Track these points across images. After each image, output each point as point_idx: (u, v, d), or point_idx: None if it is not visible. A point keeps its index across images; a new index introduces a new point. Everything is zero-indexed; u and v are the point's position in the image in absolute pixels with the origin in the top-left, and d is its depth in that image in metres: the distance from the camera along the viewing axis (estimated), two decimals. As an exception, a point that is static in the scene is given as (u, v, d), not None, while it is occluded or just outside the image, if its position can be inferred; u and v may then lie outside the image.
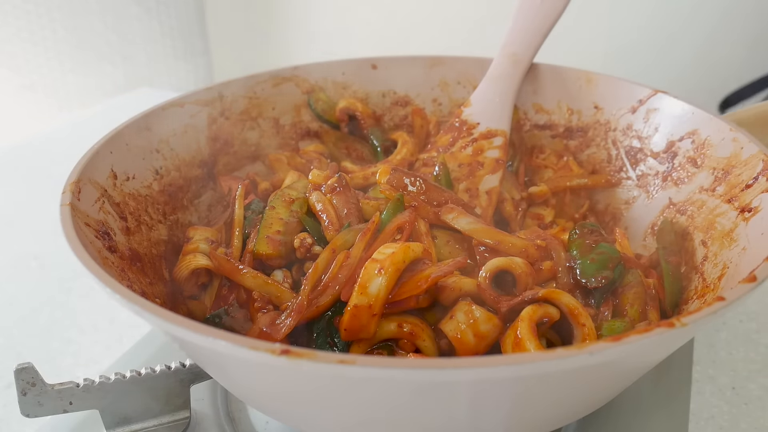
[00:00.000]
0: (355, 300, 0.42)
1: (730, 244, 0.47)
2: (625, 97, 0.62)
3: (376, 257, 0.43)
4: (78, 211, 0.44)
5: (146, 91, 1.34)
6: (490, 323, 0.42)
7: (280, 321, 0.43)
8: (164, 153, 0.58)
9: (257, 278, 0.47)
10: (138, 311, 0.34)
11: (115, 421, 0.49)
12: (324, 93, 0.69)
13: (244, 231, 0.53)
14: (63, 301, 0.72)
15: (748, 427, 0.55)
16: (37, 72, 1.48)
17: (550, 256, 0.49)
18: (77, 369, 0.63)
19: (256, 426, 0.52)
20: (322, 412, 0.37)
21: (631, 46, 1.04)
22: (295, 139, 0.69)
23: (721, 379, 0.60)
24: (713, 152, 0.53)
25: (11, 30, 1.42)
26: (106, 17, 1.45)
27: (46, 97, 1.52)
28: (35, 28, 1.43)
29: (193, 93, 0.61)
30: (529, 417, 0.38)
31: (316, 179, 0.55)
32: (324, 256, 0.46)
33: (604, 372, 0.36)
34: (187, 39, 1.50)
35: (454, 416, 0.35)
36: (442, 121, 0.71)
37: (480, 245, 0.49)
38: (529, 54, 0.65)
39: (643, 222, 0.59)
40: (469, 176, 0.60)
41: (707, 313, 0.33)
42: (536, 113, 0.68)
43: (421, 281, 0.43)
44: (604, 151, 0.64)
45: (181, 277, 0.51)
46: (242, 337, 0.31)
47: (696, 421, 0.55)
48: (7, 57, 1.46)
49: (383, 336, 0.43)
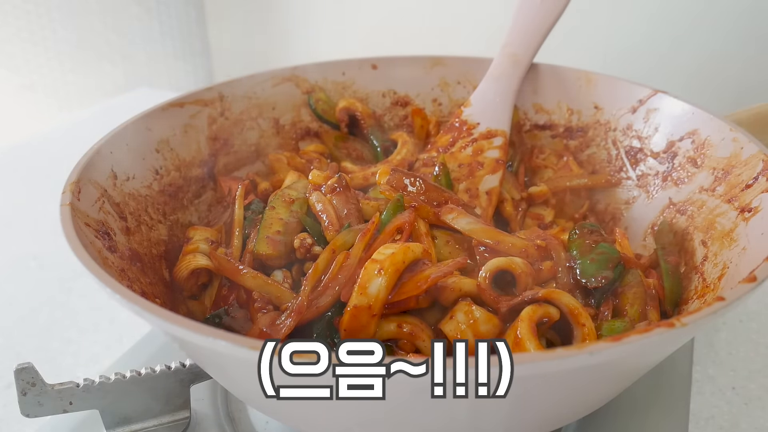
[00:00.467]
0: (355, 300, 0.42)
1: (730, 244, 0.47)
2: (625, 97, 0.62)
3: (376, 258, 0.43)
4: (78, 211, 0.44)
5: (146, 91, 1.34)
6: (490, 324, 0.42)
7: (280, 321, 0.43)
8: (164, 153, 0.58)
9: (257, 278, 0.47)
10: (138, 311, 0.34)
11: (115, 421, 0.49)
12: (324, 93, 0.69)
13: (244, 231, 0.53)
14: (63, 301, 0.72)
15: (748, 427, 0.55)
16: (37, 72, 1.48)
17: (550, 256, 0.49)
18: (77, 369, 0.63)
19: (256, 426, 0.52)
20: (322, 412, 0.37)
21: (633, 48, 1.04)
22: (295, 139, 0.69)
23: (721, 379, 0.60)
24: (713, 152, 0.53)
25: (11, 30, 1.42)
26: (106, 17, 1.45)
27: (46, 97, 1.52)
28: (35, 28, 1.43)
29: (193, 93, 0.61)
30: (529, 417, 0.38)
31: (316, 180, 0.55)
32: (324, 257, 0.46)
33: (604, 372, 0.36)
34: (187, 39, 1.50)
35: (454, 416, 0.35)
36: (442, 121, 0.71)
37: (480, 245, 0.49)
38: (529, 54, 0.65)
39: (643, 222, 0.59)
40: (469, 176, 0.60)
41: (707, 313, 0.33)
42: (536, 113, 0.68)
43: (421, 282, 0.43)
44: (604, 151, 0.64)
45: (180, 277, 0.51)
46: (242, 337, 0.31)
47: (696, 421, 0.55)
48: (7, 57, 1.46)
49: (383, 336, 0.43)
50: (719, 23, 0.99)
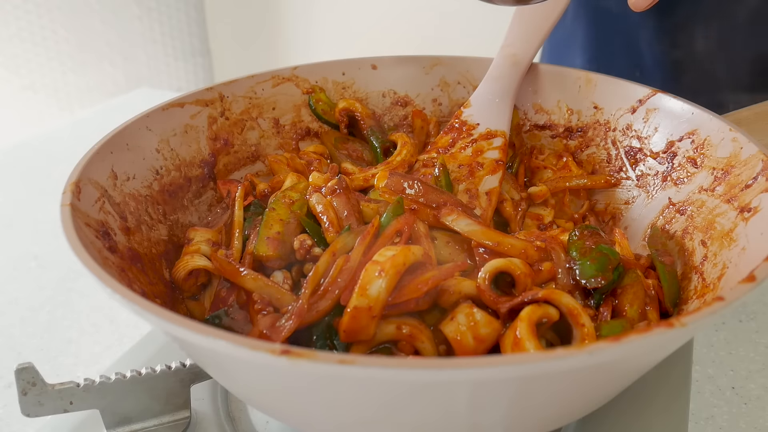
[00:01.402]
0: (355, 301, 0.42)
1: (730, 244, 0.47)
2: (625, 97, 0.62)
3: (377, 259, 0.43)
4: (78, 211, 0.45)
5: (146, 91, 1.34)
6: (490, 327, 0.42)
7: (281, 324, 0.43)
8: (164, 153, 0.58)
9: (258, 280, 0.47)
10: (138, 311, 0.34)
11: (116, 421, 0.49)
12: (324, 93, 0.69)
13: (244, 232, 0.53)
14: (63, 301, 0.72)
15: (747, 426, 0.55)
16: (37, 72, 1.49)
17: (549, 257, 0.49)
18: (77, 369, 0.63)
19: (256, 426, 0.52)
20: (322, 412, 0.37)
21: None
22: (295, 139, 0.69)
23: (721, 379, 0.60)
24: (713, 152, 0.53)
25: (11, 30, 1.42)
26: (107, 17, 1.46)
27: (46, 97, 1.52)
28: (35, 28, 1.43)
29: (193, 93, 0.61)
30: (528, 417, 0.38)
31: (316, 181, 0.55)
32: (324, 260, 0.46)
33: (604, 372, 0.36)
34: (187, 39, 1.50)
35: (454, 416, 0.35)
36: (442, 121, 0.71)
37: (479, 247, 0.49)
38: (529, 54, 0.65)
39: (642, 222, 0.59)
40: (469, 177, 0.60)
41: (707, 313, 0.33)
42: (536, 113, 0.68)
43: (421, 284, 0.43)
44: (604, 151, 0.64)
45: (179, 277, 0.51)
46: (242, 337, 0.31)
47: (696, 421, 0.55)
48: (7, 57, 1.46)
49: (382, 338, 0.43)
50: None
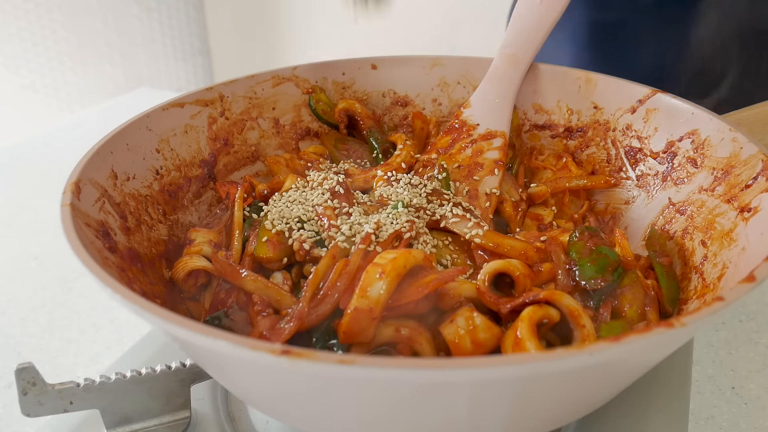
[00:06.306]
0: (356, 303, 0.41)
1: (730, 244, 0.47)
2: (625, 97, 0.62)
3: (377, 261, 0.43)
4: (78, 211, 0.45)
5: (146, 91, 1.34)
6: (489, 332, 0.42)
7: (281, 326, 0.43)
8: (164, 153, 0.58)
9: (258, 282, 0.47)
10: (138, 311, 0.34)
11: (116, 421, 0.49)
12: (324, 93, 0.69)
13: (244, 233, 0.53)
14: (63, 301, 0.72)
15: (747, 426, 0.55)
16: (37, 72, 1.49)
17: (549, 258, 0.49)
18: (77, 369, 0.63)
19: (256, 426, 0.52)
20: (322, 412, 0.37)
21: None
22: (295, 140, 0.69)
23: (721, 379, 0.60)
24: (713, 152, 0.53)
25: (11, 30, 1.42)
26: (107, 17, 1.46)
27: (46, 97, 1.52)
28: (35, 28, 1.43)
29: (193, 93, 0.61)
30: (528, 417, 0.38)
31: (316, 182, 0.55)
32: (324, 263, 0.46)
33: (604, 372, 0.36)
34: (187, 39, 1.50)
35: (454, 416, 0.35)
36: (442, 121, 0.71)
37: (479, 248, 0.49)
38: (529, 54, 0.65)
39: (643, 222, 0.59)
40: (469, 177, 0.60)
41: (706, 313, 0.33)
42: (536, 113, 0.68)
43: (422, 287, 0.43)
44: (604, 151, 0.64)
45: (178, 278, 0.51)
46: (242, 338, 0.31)
47: (695, 421, 0.55)
48: (7, 57, 1.46)
49: (381, 340, 0.43)
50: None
